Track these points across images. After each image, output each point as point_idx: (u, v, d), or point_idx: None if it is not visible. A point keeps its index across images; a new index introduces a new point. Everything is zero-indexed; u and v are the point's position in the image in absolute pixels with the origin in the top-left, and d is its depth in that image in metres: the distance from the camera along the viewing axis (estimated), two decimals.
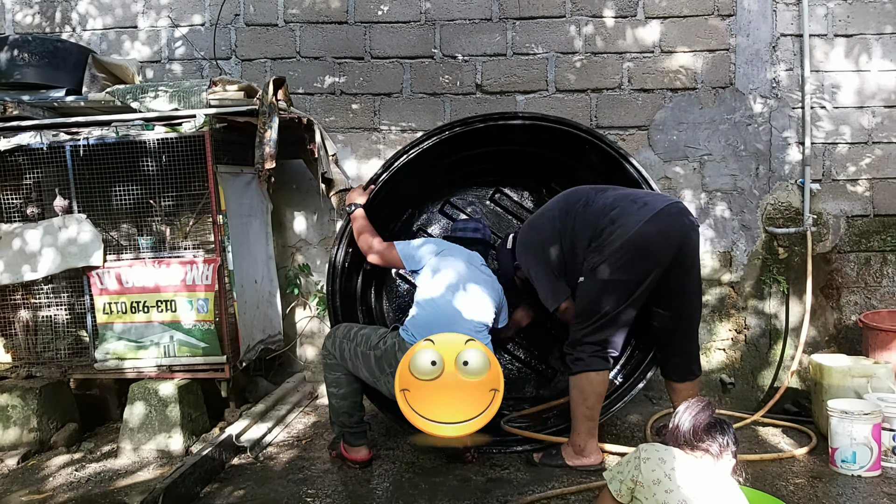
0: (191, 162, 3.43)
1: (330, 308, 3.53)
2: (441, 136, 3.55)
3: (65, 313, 3.61)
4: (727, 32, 4.19)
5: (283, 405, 3.85)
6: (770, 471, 2.97)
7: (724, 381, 4.21)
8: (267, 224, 4.10)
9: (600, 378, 2.95)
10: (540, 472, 3.00)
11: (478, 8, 4.26)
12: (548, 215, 3.12)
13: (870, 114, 4.18)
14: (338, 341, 3.06)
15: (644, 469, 1.89)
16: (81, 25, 4.44)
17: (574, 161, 3.75)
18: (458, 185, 4.11)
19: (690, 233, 2.94)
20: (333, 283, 3.51)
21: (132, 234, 3.64)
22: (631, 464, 1.94)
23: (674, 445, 1.96)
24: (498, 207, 4.12)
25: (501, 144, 3.76)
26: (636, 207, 2.87)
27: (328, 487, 2.91)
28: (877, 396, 3.10)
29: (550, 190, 3.98)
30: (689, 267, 3.00)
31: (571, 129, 3.55)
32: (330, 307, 3.52)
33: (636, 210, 2.86)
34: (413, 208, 4.09)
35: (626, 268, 2.83)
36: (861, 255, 4.22)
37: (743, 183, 4.22)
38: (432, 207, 4.12)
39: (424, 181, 3.87)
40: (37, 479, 3.14)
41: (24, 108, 3.56)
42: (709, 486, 1.86)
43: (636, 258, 2.82)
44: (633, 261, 2.83)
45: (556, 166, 3.84)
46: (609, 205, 2.94)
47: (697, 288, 3.11)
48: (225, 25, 4.36)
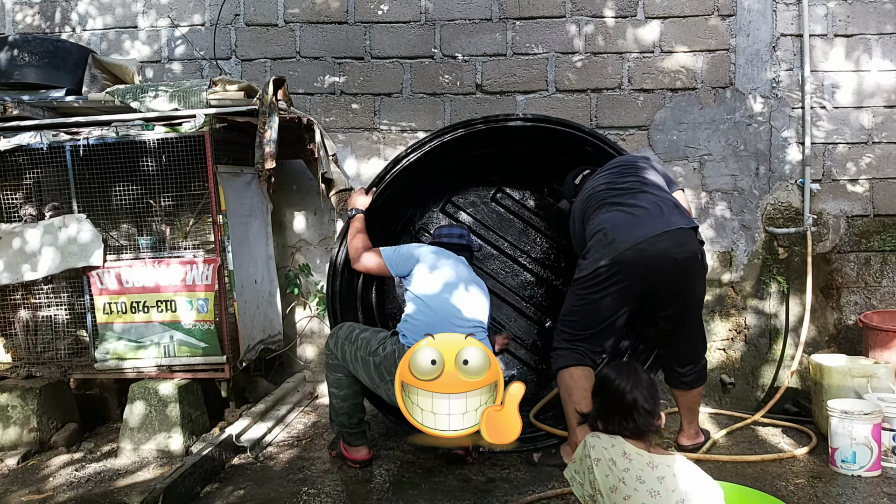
0: (191, 162, 3.43)
1: (329, 309, 3.52)
2: (442, 138, 3.54)
3: (65, 313, 3.61)
4: (727, 32, 4.19)
5: (283, 405, 3.85)
6: (770, 471, 2.97)
7: (724, 381, 4.21)
8: (267, 224, 4.10)
9: (581, 372, 2.92)
10: (540, 472, 3.00)
11: (478, 8, 4.26)
12: (583, 196, 3.13)
13: (870, 114, 4.18)
14: (340, 342, 3.06)
15: (598, 474, 1.85)
16: (81, 25, 4.44)
17: (576, 160, 3.75)
18: (459, 185, 4.11)
19: (677, 262, 2.79)
20: (333, 283, 3.51)
21: (132, 233, 3.64)
22: (584, 463, 1.90)
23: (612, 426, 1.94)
24: (500, 207, 4.12)
25: (502, 145, 3.76)
26: (604, 243, 2.82)
27: (328, 487, 2.91)
28: (877, 396, 3.10)
29: (552, 189, 3.99)
30: (679, 292, 2.89)
31: (572, 131, 3.55)
32: (329, 308, 3.52)
33: (602, 247, 2.83)
34: (414, 208, 4.09)
35: (593, 295, 2.86)
36: (861, 255, 4.22)
37: (743, 183, 4.22)
38: (433, 207, 4.12)
39: (425, 181, 3.87)
40: (37, 479, 3.14)
41: (24, 108, 3.56)
42: (665, 479, 1.83)
43: (601, 289, 2.83)
44: (597, 291, 2.84)
45: (557, 165, 3.84)
46: (596, 228, 2.90)
47: (694, 309, 3.02)
48: (225, 25, 4.36)
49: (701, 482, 1.86)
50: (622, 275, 2.80)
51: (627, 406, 1.93)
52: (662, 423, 1.97)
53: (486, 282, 4.02)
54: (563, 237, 3.88)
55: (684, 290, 2.91)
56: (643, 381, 1.96)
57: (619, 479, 1.82)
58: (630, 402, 1.92)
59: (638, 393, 1.93)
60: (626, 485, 1.81)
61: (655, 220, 2.82)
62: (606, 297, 2.85)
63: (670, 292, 2.89)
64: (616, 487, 1.82)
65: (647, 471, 1.83)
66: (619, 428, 1.93)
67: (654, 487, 1.81)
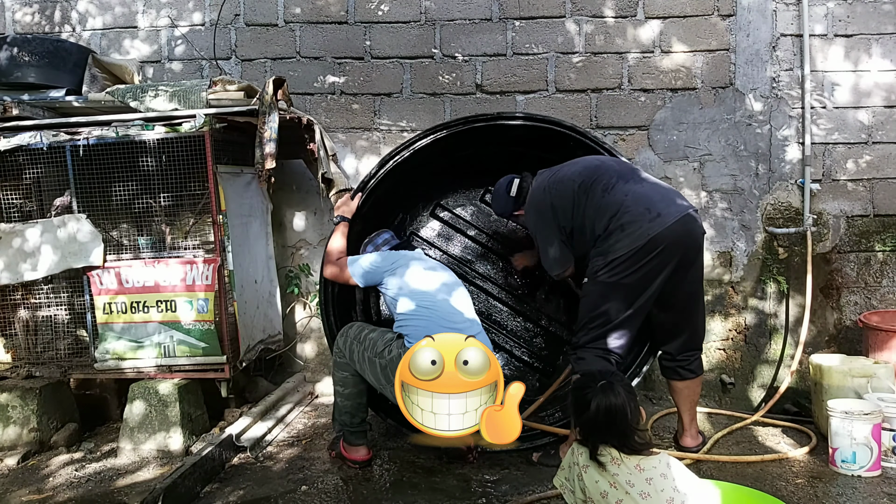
0: (191, 162, 3.43)
1: (323, 316, 3.49)
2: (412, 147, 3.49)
3: (65, 313, 3.61)
4: (727, 32, 4.19)
5: (283, 405, 3.85)
6: (770, 471, 2.97)
7: (724, 381, 4.21)
8: (267, 224, 4.10)
9: None
10: (540, 472, 3.00)
11: (478, 8, 4.26)
12: (567, 184, 3.01)
13: (870, 113, 4.18)
14: (349, 341, 3.05)
15: (588, 480, 1.86)
16: (81, 25, 4.44)
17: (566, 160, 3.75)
18: (448, 187, 4.12)
19: (697, 241, 2.92)
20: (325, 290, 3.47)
21: (132, 233, 3.63)
22: (573, 470, 1.91)
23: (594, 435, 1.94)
24: (488, 208, 4.14)
25: (491, 146, 3.75)
26: (648, 218, 2.80)
27: (328, 487, 2.91)
28: (877, 396, 3.10)
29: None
30: (691, 272, 2.96)
31: (557, 128, 3.52)
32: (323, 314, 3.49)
33: (647, 221, 2.79)
34: (404, 213, 4.09)
35: (629, 277, 2.80)
36: (861, 255, 4.22)
37: (743, 183, 4.22)
38: (423, 211, 4.13)
39: (413, 186, 3.86)
40: (37, 479, 3.14)
41: (24, 108, 3.56)
42: (654, 480, 1.84)
43: (641, 268, 2.79)
44: (637, 270, 2.80)
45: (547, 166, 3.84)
46: (623, 204, 2.85)
47: (698, 289, 3.08)
48: (225, 25, 4.36)
49: (688, 479, 1.87)
50: (668, 250, 2.78)
51: (610, 428, 1.93)
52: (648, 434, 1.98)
53: (479, 283, 4.06)
54: None
55: (701, 269, 3.01)
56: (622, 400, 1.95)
57: (609, 483, 1.84)
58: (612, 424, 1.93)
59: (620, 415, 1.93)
60: (616, 489, 1.83)
61: (669, 205, 2.84)
62: (645, 276, 2.80)
63: (697, 269, 2.97)
64: (606, 492, 1.84)
65: (635, 474, 1.85)
66: (605, 442, 1.94)
67: (644, 489, 1.82)
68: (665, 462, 1.89)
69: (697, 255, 2.96)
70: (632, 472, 1.85)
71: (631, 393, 2.01)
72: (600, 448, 1.92)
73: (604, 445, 1.93)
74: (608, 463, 1.87)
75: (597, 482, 1.85)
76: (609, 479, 1.84)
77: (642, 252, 2.77)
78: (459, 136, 3.54)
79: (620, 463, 1.86)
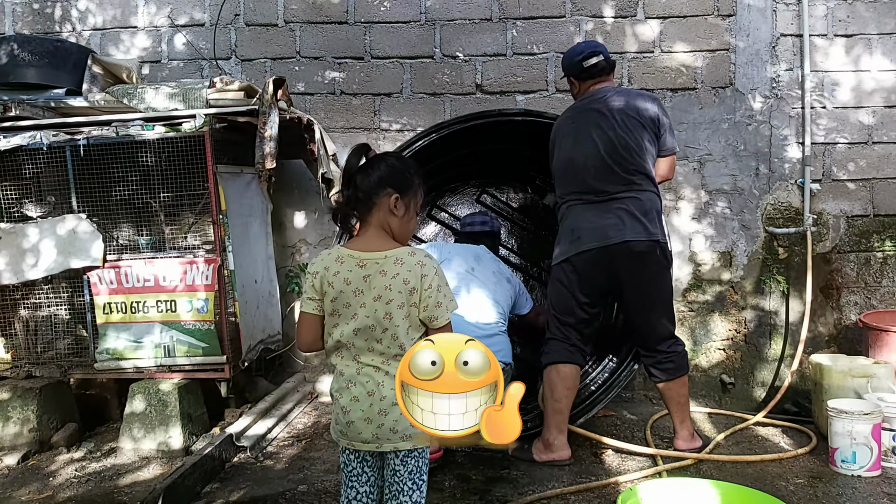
0: (191, 162, 3.43)
1: None
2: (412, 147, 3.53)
3: (65, 313, 3.61)
4: (727, 32, 4.19)
5: (283, 405, 3.85)
6: (770, 471, 2.98)
7: (725, 380, 4.21)
8: (267, 224, 4.10)
9: (567, 371, 3.06)
10: (540, 472, 3.00)
11: (478, 8, 4.26)
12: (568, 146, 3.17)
13: (870, 113, 4.18)
14: None
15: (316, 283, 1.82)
16: (81, 24, 4.44)
17: None
18: (444, 187, 4.17)
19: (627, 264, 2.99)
20: None
21: (132, 233, 3.63)
22: (307, 281, 1.85)
23: None
24: (484, 207, 4.18)
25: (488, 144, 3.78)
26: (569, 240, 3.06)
27: (328, 487, 2.91)
28: (877, 396, 3.10)
29: (535, 188, 4.10)
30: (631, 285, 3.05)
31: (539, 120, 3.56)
32: None
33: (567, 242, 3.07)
34: None
35: (568, 280, 3.08)
36: (861, 255, 4.22)
37: (743, 183, 4.22)
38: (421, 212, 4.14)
39: None
40: (37, 479, 3.14)
41: (24, 108, 3.56)
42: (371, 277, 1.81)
43: (574, 278, 3.06)
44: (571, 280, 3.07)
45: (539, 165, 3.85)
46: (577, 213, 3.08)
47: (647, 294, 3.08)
48: (225, 25, 4.36)
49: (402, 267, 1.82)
50: (582, 271, 3.05)
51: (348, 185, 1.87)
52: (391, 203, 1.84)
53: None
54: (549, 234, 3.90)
55: (648, 281, 3.05)
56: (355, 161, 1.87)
57: (328, 283, 1.81)
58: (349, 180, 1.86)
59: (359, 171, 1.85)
60: (333, 288, 1.80)
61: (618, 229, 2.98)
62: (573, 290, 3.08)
63: (642, 284, 3.06)
64: (326, 292, 1.81)
65: (355, 270, 1.81)
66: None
67: (359, 287, 1.80)
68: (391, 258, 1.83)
69: (631, 274, 3.01)
70: (353, 269, 1.81)
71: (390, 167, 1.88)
72: (334, 249, 1.88)
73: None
74: (332, 263, 1.83)
75: (321, 283, 1.82)
76: (329, 279, 1.81)
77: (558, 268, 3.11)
78: (459, 134, 3.55)
79: (344, 261, 1.82)
